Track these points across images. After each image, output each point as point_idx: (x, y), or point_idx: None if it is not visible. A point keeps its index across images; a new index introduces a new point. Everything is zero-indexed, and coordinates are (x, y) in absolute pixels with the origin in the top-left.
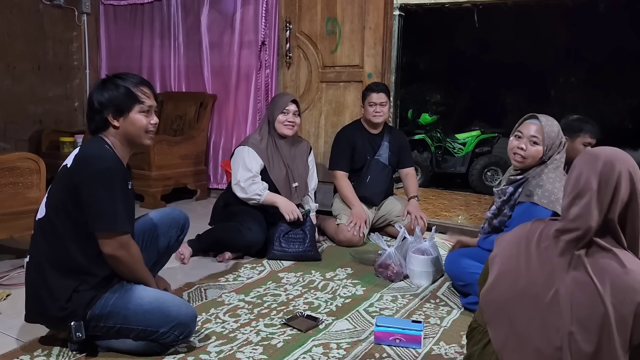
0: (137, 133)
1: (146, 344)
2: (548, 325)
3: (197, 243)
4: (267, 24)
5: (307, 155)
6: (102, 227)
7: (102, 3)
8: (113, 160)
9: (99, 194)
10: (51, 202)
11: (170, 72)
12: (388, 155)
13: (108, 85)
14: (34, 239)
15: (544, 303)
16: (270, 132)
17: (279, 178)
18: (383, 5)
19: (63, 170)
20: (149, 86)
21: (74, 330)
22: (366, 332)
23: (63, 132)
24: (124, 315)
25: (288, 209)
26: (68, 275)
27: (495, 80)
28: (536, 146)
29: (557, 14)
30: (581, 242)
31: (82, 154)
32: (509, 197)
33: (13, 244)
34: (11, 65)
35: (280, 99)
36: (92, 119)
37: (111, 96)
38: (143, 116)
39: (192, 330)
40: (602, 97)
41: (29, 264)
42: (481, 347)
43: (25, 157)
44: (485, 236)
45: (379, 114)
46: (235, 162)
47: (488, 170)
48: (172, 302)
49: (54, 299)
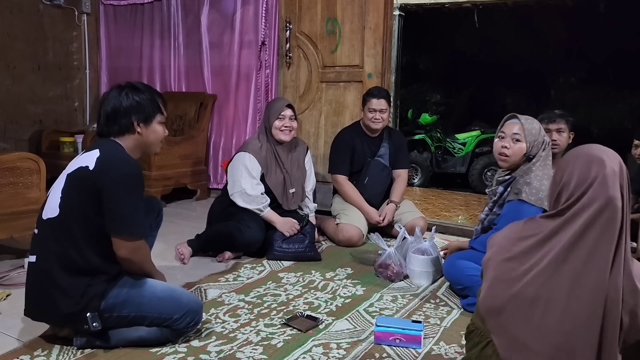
0: (154, 142)
1: (158, 330)
2: (547, 326)
3: (196, 243)
4: (267, 24)
5: (304, 156)
6: (122, 231)
7: (102, 3)
8: (137, 166)
9: (123, 198)
10: (67, 203)
11: (170, 72)
12: (388, 157)
13: (131, 91)
14: (42, 238)
15: (540, 304)
16: (269, 139)
17: (276, 185)
18: (383, 5)
19: (82, 171)
20: (163, 98)
21: (91, 321)
22: (366, 332)
23: (63, 132)
24: (138, 303)
25: (285, 228)
26: (79, 274)
27: (495, 80)
28: (519, 143)
29: (557, 14)
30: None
31: (107, 158)
32: (499, 196)
33: (13, 243)
34: (11, 65)
35: (275, 104)
36: (115, 122)
37: (140, 102)
38: (162, 127)
39: (201, 318)
40: (602, 97)
41: (35, 264)
42: (479, 350)
43: (25, 157)
44: (476, 236)
45: (378, 121)
46: (236, 169)
47: (488, 170)
48: (182, 291)
49: (68, 296)
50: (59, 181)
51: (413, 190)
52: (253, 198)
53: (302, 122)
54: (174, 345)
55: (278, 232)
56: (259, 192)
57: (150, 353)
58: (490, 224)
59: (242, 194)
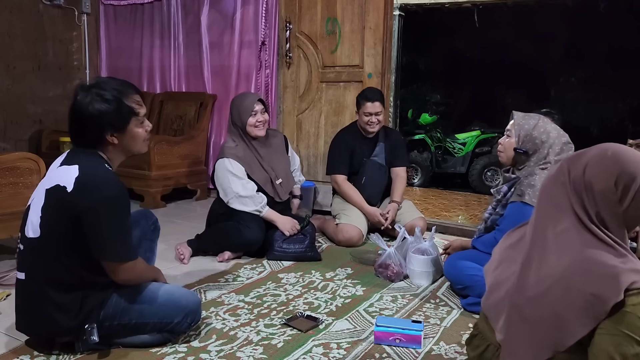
0: (135, 145)
1: (160, 335)
2: (533, 326)
3: (196, 243)
4: (267, 24)
5: (284, 148)
6: (111, 258)
7: (102, 3)
8: (118, 186)
9: (107, 225)
10: (48, 224)
11: (170, 72)
12: (385, 156)
13: (96, 100)
14: (27, 257)
15: (529, 309)
16: (243, 138)
17: (262, 181)
18: (383, 5)
19: (60, 192)
20: (137, 90)
21: (89, 334)
22: (366, 332)
23: (63, 132)
24: (139, 309)
25: (286, 227)
26: (73, 289)
27: (495, 80)
28: (508, 138)
29: (557, 14)
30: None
31: (86, 179)
32: (503, 196)
33: (13, 243)
34: (11, 65)
35: (244, 101)
36: (84, 136)
37: (106, 112)
38: (141, 127)
39: (200, 317)
40: (602, 97)
41: (24, 282)
42: (478, 354)
43: (25, 157)
44: (478, 236)
45: (374, 124)
46: (222, 177)
47: (488, 170)
48: (180, 292)
49: (64, 311)
50: (38, 194)
51: (413, 190)
52: (249, 199)
53: (302, 122)
54: (174, 345)
55: (278, 232)
56: (253, 191)
57: (150, 353)
58: (493, 224)
59: (237, 198)
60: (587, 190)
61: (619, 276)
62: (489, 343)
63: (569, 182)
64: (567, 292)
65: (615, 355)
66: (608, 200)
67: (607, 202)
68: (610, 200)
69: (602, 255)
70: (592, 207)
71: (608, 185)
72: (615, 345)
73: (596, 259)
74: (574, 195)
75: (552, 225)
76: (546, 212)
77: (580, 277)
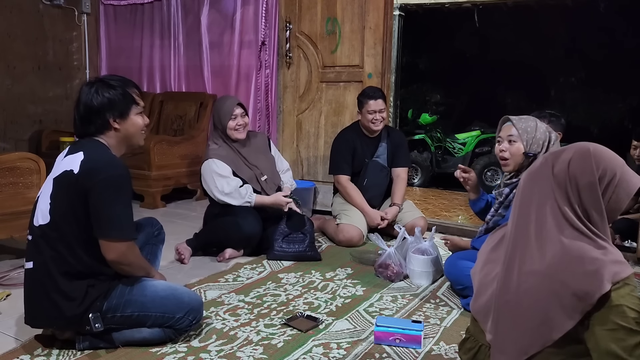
0: (135, 134)
1: (160, 331)
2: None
3: (195, 241)
4: (267, 24)
5: (267, 146)
6: (110, 234)
7: (102, 3)
8: (122, 166)
9: (108, 200)
10: (58, 208)
11: (170, 72)
12: (387, 157)
13: (101, 87)
14: (35, 245)
15: (515, 307)
16: (225, 140)
17: (247, 177)
18: (383, 5)
19: (68, 176)
20: (136, 86)
21: (93, 322)
22: (366, 332)
23: (63, 132)
24: (141, 302)
25: (280, 202)
26: (79, 277)
27: (495, 80)
28: (514, 143)
29: (557, 14)
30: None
31: (91, 160)
32: (505, 198)
33: (13, 243)
34: (11, 65)
35: (224, 105)
36: (90, 122)
37: (111, 98)
38: (141, 117)
39: (202, 315)
40: (602, 97)
41: (32, 270)
42: (471, 356)
43: (25, 157)
44: (479, 236)
45: (378, 121)
46: (208, 179)
47: (488, 170)
48: (182, 290)
49: (69, 299)
50: (46, 185)
51: (413, 190)
52: (235, 192)
53: (302, 122)
54: (174, 345)
55: (278, 231)
56: (237, 186)
57: (151, 353)
58: (495, 225)
59: (223, 195)
60: (571, 185)
61: (601, 269)
62: (480, 344)
63: (552, 176)
64: (552, 289)
65: (618, 351)
66: (592, 194)
67: (591, 195)
68: (594, 193)
69: (584, 248)
70: (576, 200)
71: (592, 180)
72: (615, 341)
73: (578, 253)
74: (557, 189)
75: (534, 219)
76: (528, 207)
77: (563, 274)
